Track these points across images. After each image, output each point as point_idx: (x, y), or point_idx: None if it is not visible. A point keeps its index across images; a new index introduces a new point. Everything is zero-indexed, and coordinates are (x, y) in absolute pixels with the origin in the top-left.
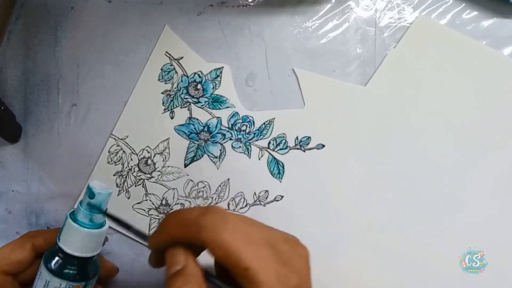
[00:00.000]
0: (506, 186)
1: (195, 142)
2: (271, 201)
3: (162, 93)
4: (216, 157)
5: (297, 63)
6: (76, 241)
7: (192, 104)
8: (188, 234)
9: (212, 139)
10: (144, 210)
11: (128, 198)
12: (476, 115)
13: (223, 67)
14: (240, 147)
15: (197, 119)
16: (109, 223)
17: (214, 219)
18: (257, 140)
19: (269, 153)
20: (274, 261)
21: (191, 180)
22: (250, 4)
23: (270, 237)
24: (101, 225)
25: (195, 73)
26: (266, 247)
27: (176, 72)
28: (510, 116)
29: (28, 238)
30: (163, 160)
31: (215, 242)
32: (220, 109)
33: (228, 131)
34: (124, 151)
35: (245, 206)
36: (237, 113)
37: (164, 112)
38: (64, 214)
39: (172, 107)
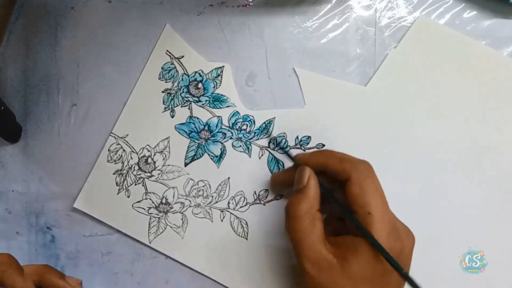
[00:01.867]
0: (506, 186)
1: (196, 141)
2: (271, 200)
3: (163, 91)
4: (216, 156)
5: (297, 63)
6: None
7: (192, 103)
8: (341, 167)
9: (213, 138)
10: (144, 209)
11: (128, 197)
12: (477, 115)
13: (224, 66)
14: (240, 146)
15: (197, 118)
16: None
17: (365, 167)
18: (258, 139)
19: (270, 152)
20: (390, 224)
21: (191, 179)
22: (250, 4)
23: (393, 214)
24: None
25: (196, 72)
26: (389, 211)
27: (177, 71)
28: (510, 116)
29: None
30: (163, 159)
31: (358, 180)
32: (221, 108)
33: (229, 130)
34: (124, 150)
35: (245, 205)
36: (238, 112)
37: (165, 111)
38: (64, 214)
39: (173, 106)
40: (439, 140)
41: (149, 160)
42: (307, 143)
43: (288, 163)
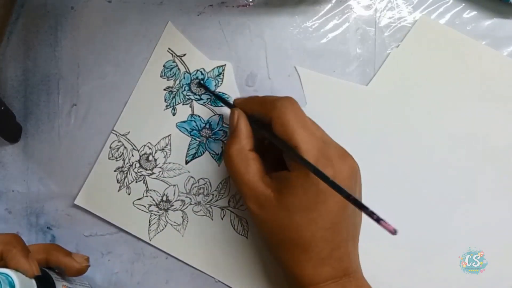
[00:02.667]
0: (506, 186)
1: (197, 139)
2: None
3: (164, 89)
4: (217, 154)
5: (297, 63)
6: None
7: (194, 101)
8: (262, 110)
9: (214, 136)
10: (145, 206)
11: (129, 194)
12: (477, 116)
13: (225, 64)
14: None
15: (199, 116)
16: None
17: (286, 103)
18: None
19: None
20: (318, 152)
21: (192, 177)
22: (250, 4)
23: (326, 138)
24: None
25: (197, 70)
26: (319, 140)
27: (178, 69)
28: (510, 116)
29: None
30: (164, 157)
31: (279, 118)
32: (222, 106)
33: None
34: (125, 147)
35: None
36: None
37: (166, 108)
38: (65, 214)
39: (174, 104)
40: (440, 140)
41: (150, 157)
42: None
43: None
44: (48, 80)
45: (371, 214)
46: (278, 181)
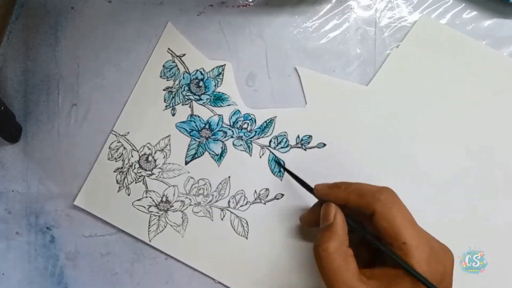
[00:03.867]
0: (506, 186)
1: (196, 139)
2: (272, 199)
3: (164, 90)
4: (217, 155)
5: (297, 63)
6: None
7: (193, 102)
8: (363, 202)
9: (213, 136)
10: (144, 207)
11: (128, 195)
12: (477, 115)
13: (225, 64)
14: (241, 145)
15: (198, 117)
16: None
17: (388, 196)
18: (258, 138)
19: (270, 151)
20: (427, 247)
21: (191, 178)
22: (250, 4)
23: (428, 235)
24: None
25: (197, 70)
26: (423, 235)
27: (178, 69)
28: (510, 116)
29: None
30: (164, 157)
31: (384, 213)
32: (222, 106)
33: (230, 129)
34: (125, 148)
35: (246, 204)
36: (239, 111)
37: (166, 109)
38: (64, 214)
39: (174, 104)
40: (440, 140)
41: (150, 158)
42: (308, 142)
43: (290, 162)
44: (48, 80)
45: None
46: (381, 279)
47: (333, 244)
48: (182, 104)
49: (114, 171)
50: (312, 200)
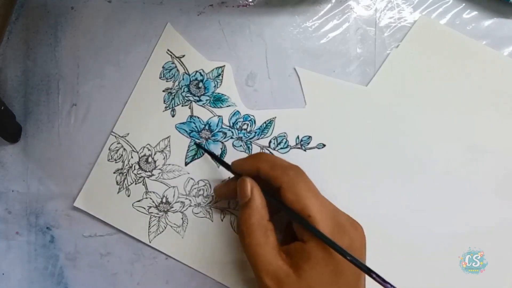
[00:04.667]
0: (506, 186)
1: (196, 140)
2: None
3: (164, 91)
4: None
5: (297, 63)
6: None
7: (193, 103)
8: (272, 174)
9: (213, 137)
10: (144, 208)
11: (128, 196)
12: (478, 116)
13: (224, 65)
14: (241, 146)
15: (198, 118)
16: None
17: (297, 172)
18: (258, 139)
19: (270, 152)
20: (332, 221)
21: (191, 179)
22: (250, 4)
23: (335, 208)
24: None
25: (196, 71)
26: (330, 210)
27: (177, 70)
28: (510, 116)
29: None
30: (164, 158)
31: (291, 187)
32: (222, 107)
33: (229, 130)
34: (124, 149)
35: None
36: (238, 112)
37: (165, 110)
38: (64, 214)
39: (174, 105)
40: (440, 140)
41: (150, 159)
42: (308, 143)
43: (288, 159)
44: (48, 80)
45: None
46: (295, 254)
47: (254, 219)
48: (182, 105)
49: (114, 172)
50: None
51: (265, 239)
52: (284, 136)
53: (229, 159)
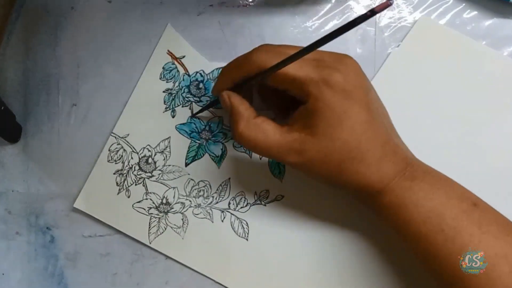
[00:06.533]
0: (506, 187)
1: (197, 141)
2: (272, 201)
3: (164, 91)
4: (217, 157)
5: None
6: None
7: (193, 103)
8: (242, 72)
9: (214, 138)
10: (144, 209)
11: (128, 197)
12: (477, 116)
13: None
14: (241, 146)
15: (198, 118)
16: None
17: (259, 52)
18: None
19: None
20: (316, 68)
21: (192, 179)
22: (250, 4)
23: (315, 54)
24: None
25: (197, 72)
26: (310, 60)
27: (178, 71)
28: (510, 116)
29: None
30: (164, 159)
31: (262, 67)
32: (222, 108)
33: (230, 131)
34: (124, 150)
35: (246, 205)
36: None
37: (166, 111)
38: (64, 214)
39: (174, 106)
40: (441, 140)
41: (150, 160)
42: None
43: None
44: (48, 80)
45: (369, 13)
46: (298, 120)
47: (241, 126)
48: (182, 106)
49: (114, 173)
50: (313, 201)
51: (262, 133)
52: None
53: (229, 159)
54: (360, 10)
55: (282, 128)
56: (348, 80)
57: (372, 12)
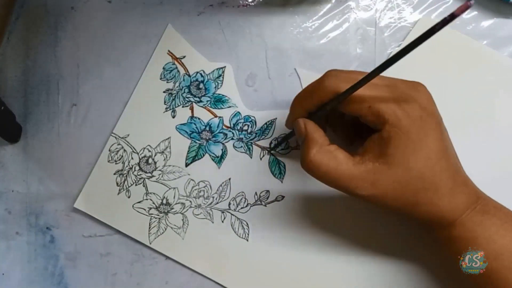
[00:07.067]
0: (506, 187)
1: (197, 141)
2: (272, 201)
3: (164, 92)
4: (217, 157)
5: (297, 63)
6: None
7: (194, 103)
8: (315, 99)
9: (214, 138)
10: (145, 210)
11: (129, 197)
12: (478, 116)
13: (225, 66)
14: (241, 147)
15: (198, 119)
16: None
17: (331, 79)
18: (259, 140)
19: (271, 153)
20: (392, 95)
21: (192, 180)
22: (250, 4)
23: (386, 80)
24: None
25: (197, 72)
26: (383, 87)
27: (178, 71)
28: (510, 116)
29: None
30: (164, 159)
31: (336, 93)
32: (222, 108)
33: (230, 131)
34: (125, 150)
35: (246, 206)
36: (239, 113)
37: (166, 111)
38: (64, 214)
39: (174, 106)
40: None
41: (150, 160)
42: None
43: (290, 164)
44: (48, 80)
45: (449, 17)
46: (371, 149)
47: (313, 152)
48: (182, 106)
49: (114, 174)
50: (313, 202)
51: (334, 161)
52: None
53: (229, 159)
54: (360, 10)
55: (354, 158)
56: (423, 108)
57: (451, 16)
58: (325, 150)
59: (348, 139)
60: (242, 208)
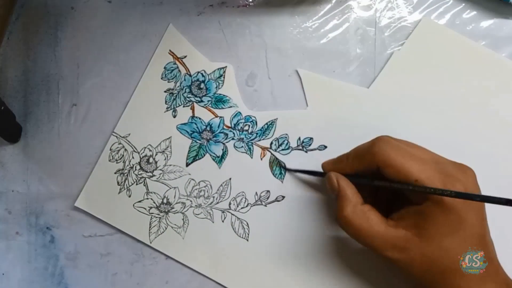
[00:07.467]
0: (506, 187)
1: (197, 141)
2: (273, 201)
3: (165, 91)
4: (218, 157)
5: (297, 63)
6: None
7: (195, 103)
8: (365, 164)
9: (215, 138)
10: (145, 209)
11: (129, 197)
12: (478, 116)
13: (226, 66)
14: (242, 147)
15: (199, 118)
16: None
17: (382, 144)
18: (260, 140)
19: (271, 153)
20: (439, 173)
21: (192, 179)
22: (250, 4)
23: (436, 157)
24: None
25: (198, 72)
26: (432, 163)
27: (179, 71)
28: (510, 116)
29: None
30: (165, 159)
31: (385, 162)
32: (223, 108)
33: (231, 131)
34: (125, 149)
35: (246, 206)
36: (240, 113)
37: (167, 110)
38: (64, 214)
39: (175, 106)
40: (442, 141)
41: (151, 160)
42: (309, 145)
43: (290, 164)
44: (48, 80)
45: None
46: (406, 218)
47: (347, 210)
48: (183, 106)
49: (115, 173)
50: (313, 202)
51: (366, 221)
52: (286, 137)
53: (229, 159)
54: (360, 10)
55: (388, 221)
56: (468, 191)
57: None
58: (358, 209)
59: (382, 202)
60: (242, 208)
